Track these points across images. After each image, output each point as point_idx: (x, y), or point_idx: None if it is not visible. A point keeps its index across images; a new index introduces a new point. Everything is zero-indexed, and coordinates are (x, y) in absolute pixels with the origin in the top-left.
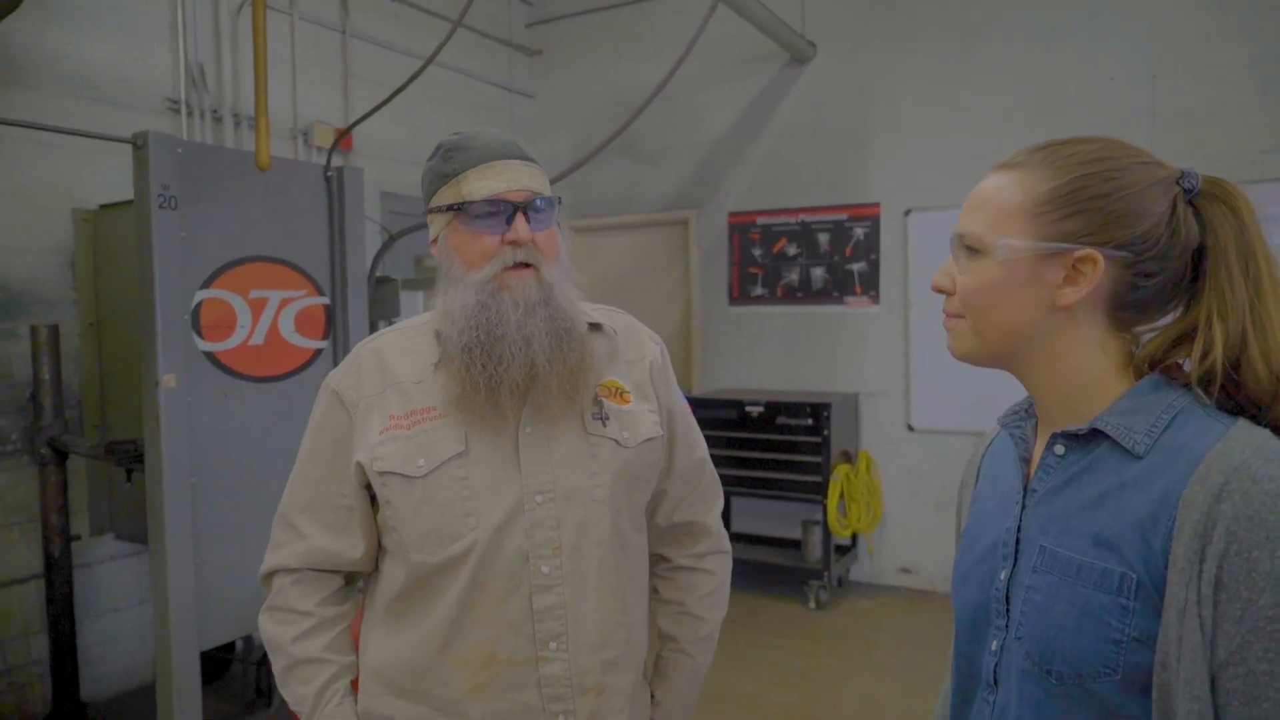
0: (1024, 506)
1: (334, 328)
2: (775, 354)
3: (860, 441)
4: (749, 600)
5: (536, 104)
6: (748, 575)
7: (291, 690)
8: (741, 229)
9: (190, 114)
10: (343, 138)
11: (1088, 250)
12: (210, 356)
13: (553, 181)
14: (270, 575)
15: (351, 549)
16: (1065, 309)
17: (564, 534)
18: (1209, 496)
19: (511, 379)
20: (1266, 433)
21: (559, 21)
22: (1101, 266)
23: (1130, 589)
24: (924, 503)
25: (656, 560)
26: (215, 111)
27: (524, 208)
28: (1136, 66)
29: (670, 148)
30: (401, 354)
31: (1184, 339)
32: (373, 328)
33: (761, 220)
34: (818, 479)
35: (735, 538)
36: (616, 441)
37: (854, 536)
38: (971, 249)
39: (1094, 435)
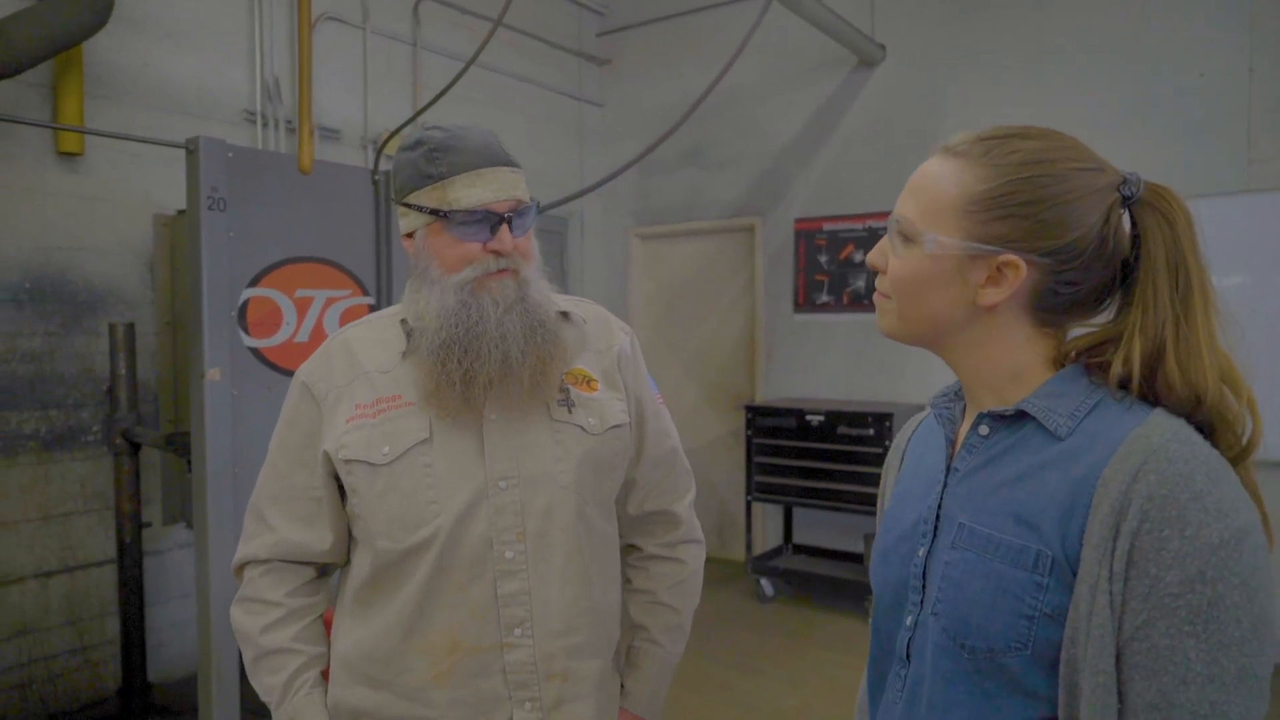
0: (945, 485)
1: None
2: (841, 362)
3: None
4: (806, 614)
5: (606, 113)
6: (806, 588)
7: (260, 680)
8: (807, 235)
9: (265, 125)
10: (388, 142)
11: (1011, 255)
12: (256, 352)
13: (606, 181)
14: (241, 567)
15: (320, 541)
16: (987, 308)
17: (528, 520)
18: (1127, 475)
19: (486, 373)
20: (1182, 421)
21: (629, 31)
22: (1024, 272)
23: (1046, 565)
24: None
25: (628, 550)
26: (290, 122)
27: (509, 217)
28: (1231, 59)
29: (736, 154)
30: (370, 345)
31: (1110, 340)
32: None
33: (828, 226)
34: (879, 491)
35: (795, 549)
36: (582, 428)
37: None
38: (905, 236)
39: (1019, 417)
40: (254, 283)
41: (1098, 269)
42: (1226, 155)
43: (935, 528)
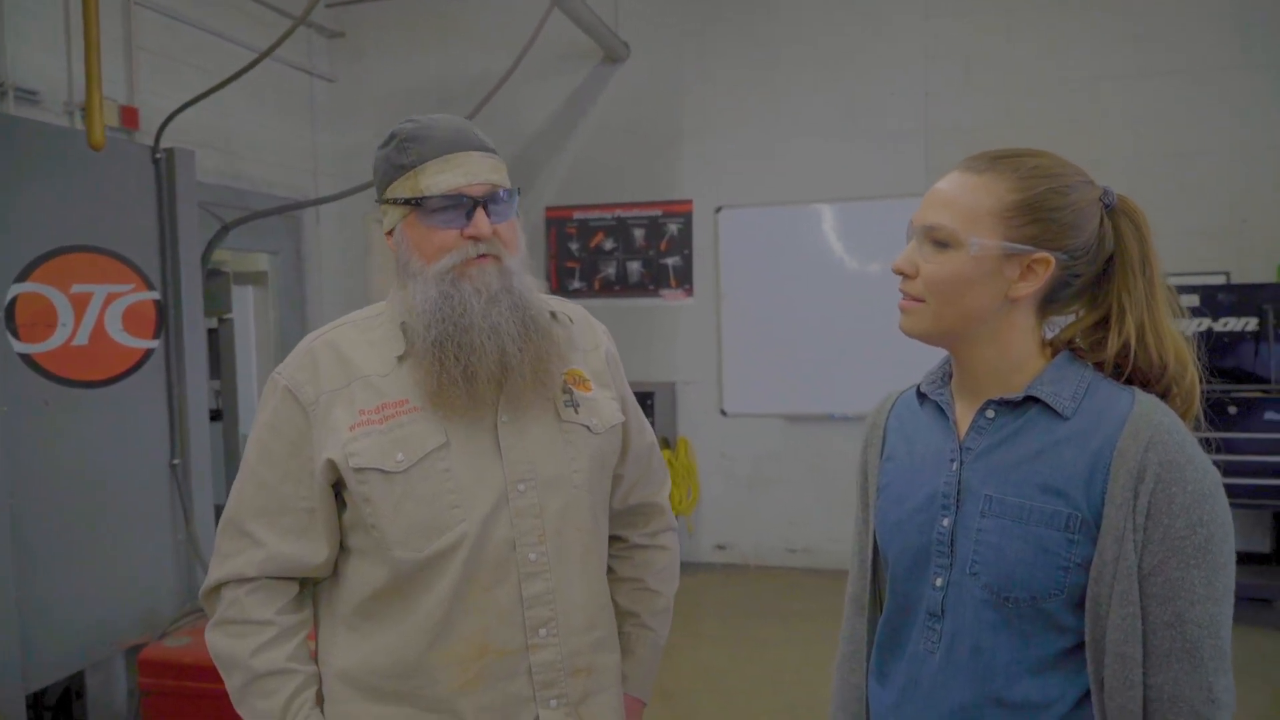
0: (961, 463)
1: (166, 325)
2: None
3: (678, 428)
4: None
5: (339, 89)
6: None
7: (251, 706)
8: (559, 223)
9: None
10: (169, 121)
11: (1044, 253)
12: (28, 359)
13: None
14: (218, 588)
15: (315, 554)
16: (1015, 300)
17: (547, 521)
18: (1140, 447)
19: (487, 368)
20: (1157, 397)
21: (364, 5)
22: (1053, 267)
23: (1076, 525)
24: (737, 483)
25: (612, 541)
26: None
27: (484, 202)
28: (913, 84)
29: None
30: (359, 346)
31: (1090, 326)
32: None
33: (578, 215)
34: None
35: None
36: (588, 428)
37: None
38: (940, 242)
39: (1025, 401)
40: (22, 277)
41: (1098, 262)
42: (911, 163)
43: (957, 500)
